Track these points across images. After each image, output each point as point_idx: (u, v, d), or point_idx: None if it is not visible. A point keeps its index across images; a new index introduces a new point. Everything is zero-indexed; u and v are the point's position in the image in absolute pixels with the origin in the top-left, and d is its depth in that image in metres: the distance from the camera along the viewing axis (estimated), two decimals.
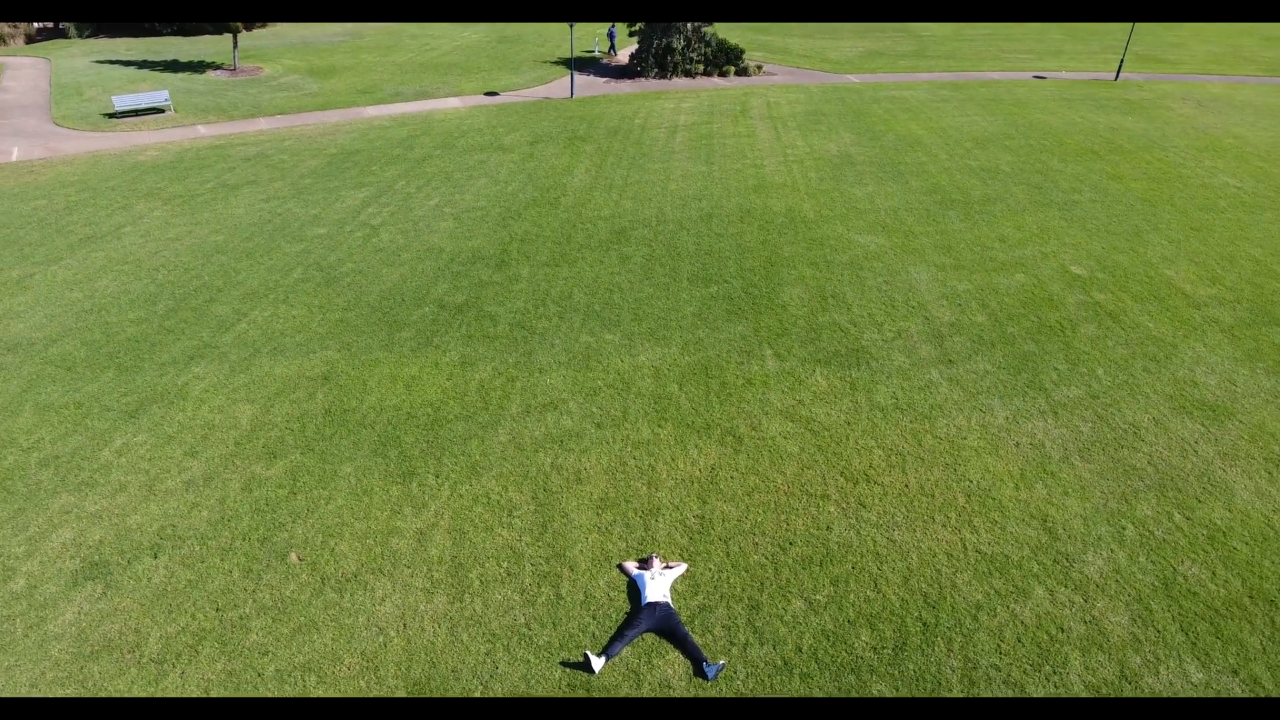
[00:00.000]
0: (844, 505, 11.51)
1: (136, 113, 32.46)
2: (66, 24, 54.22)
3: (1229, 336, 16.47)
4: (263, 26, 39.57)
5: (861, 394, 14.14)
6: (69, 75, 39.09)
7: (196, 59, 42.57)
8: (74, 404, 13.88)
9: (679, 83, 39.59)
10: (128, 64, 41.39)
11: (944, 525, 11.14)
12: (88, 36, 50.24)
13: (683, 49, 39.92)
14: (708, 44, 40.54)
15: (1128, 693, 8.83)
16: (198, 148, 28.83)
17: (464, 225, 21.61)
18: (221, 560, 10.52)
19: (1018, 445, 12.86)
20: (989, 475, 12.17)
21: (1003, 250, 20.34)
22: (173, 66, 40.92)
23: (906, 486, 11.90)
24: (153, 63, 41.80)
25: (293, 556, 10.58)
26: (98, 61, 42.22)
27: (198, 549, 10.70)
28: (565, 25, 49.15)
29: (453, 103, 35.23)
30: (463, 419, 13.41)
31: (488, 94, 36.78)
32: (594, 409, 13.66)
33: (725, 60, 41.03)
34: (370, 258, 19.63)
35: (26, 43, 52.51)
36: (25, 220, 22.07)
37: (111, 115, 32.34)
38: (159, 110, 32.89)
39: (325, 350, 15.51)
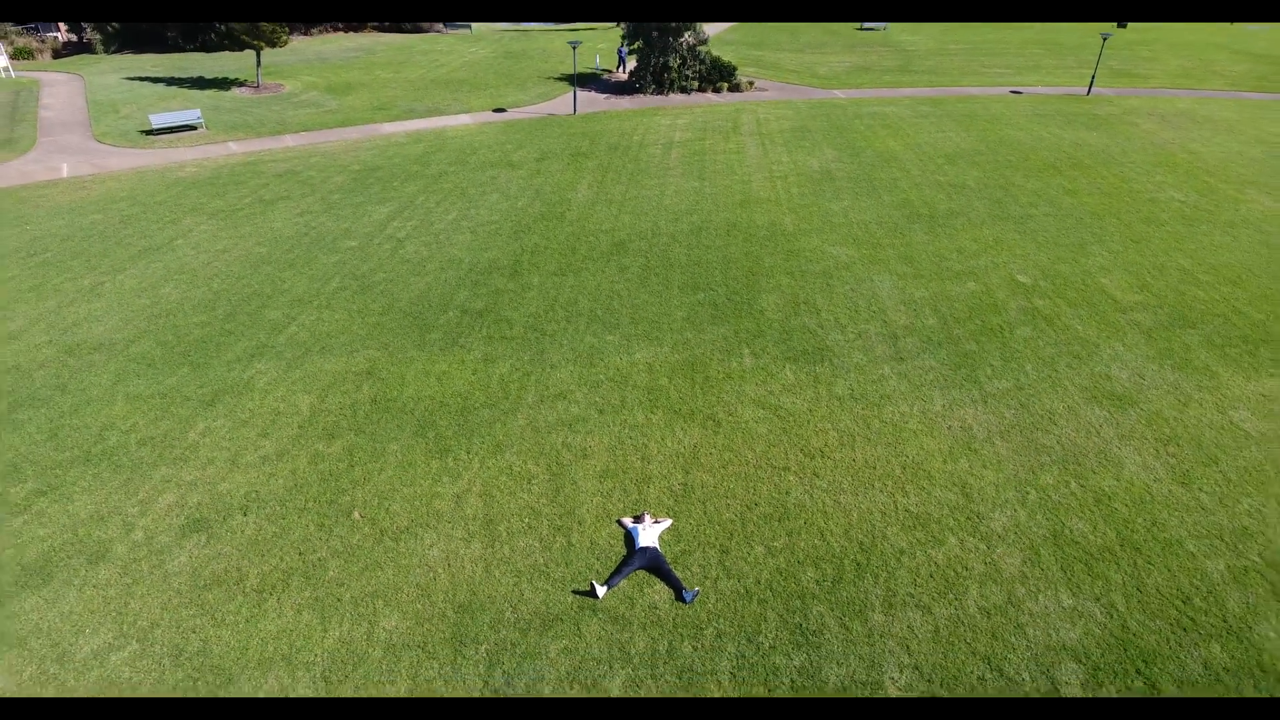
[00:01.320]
0: (801, 475, 14.10)
1: (172, 130, 35.04)
2: (92, 38, 56.92)
3: (1146, 337, 19.05)
4: (284, 45, 42.08)
5: (823, 386, 16.73)
6: (103, 92, 41.71)
7: (221, 75, 45.19)
8: (158, 394, 16.47)
9: (675, 99, 42.20)
10: (157, 81, 44.01)
11: (881, 491, 13.73)
12: (113, 52, 52.83)
13: (679, 67, 42.52)
14: (702, 62, 43.14)
15: (1011, 614, 11.41)
16: (232, 164, 31.44)
17: (480, 238, 24.21)
18: (299, 517, 13.11)
19: (950, 428, 15.45)
20: (923, 452, 14.75)
21: (959, 261, 22.93)
22: (199, 83, 43.54)
23: (854, 461, 14.49)
24: (180, 80, 44.44)
25: (355, 514, 13.17)
26: (128, 78, 44.83)
27: (278, 509, 13.29)
28: (568, 41, 51.99)
29: (464, 119, 37.82)
30: (487, 406, 15.99)
31: (496, 110, 39.38)
32: (597, 398, 16.24)
33: (719, 77, 43.63)
34: (399, 268, 22.23)
35: (53, 57, 55.15)
36: (87, 233, 24.68)
37: (148, 132, 34.93)
38: (192, 128, 35.48)
39: (366, 349, 18.10)
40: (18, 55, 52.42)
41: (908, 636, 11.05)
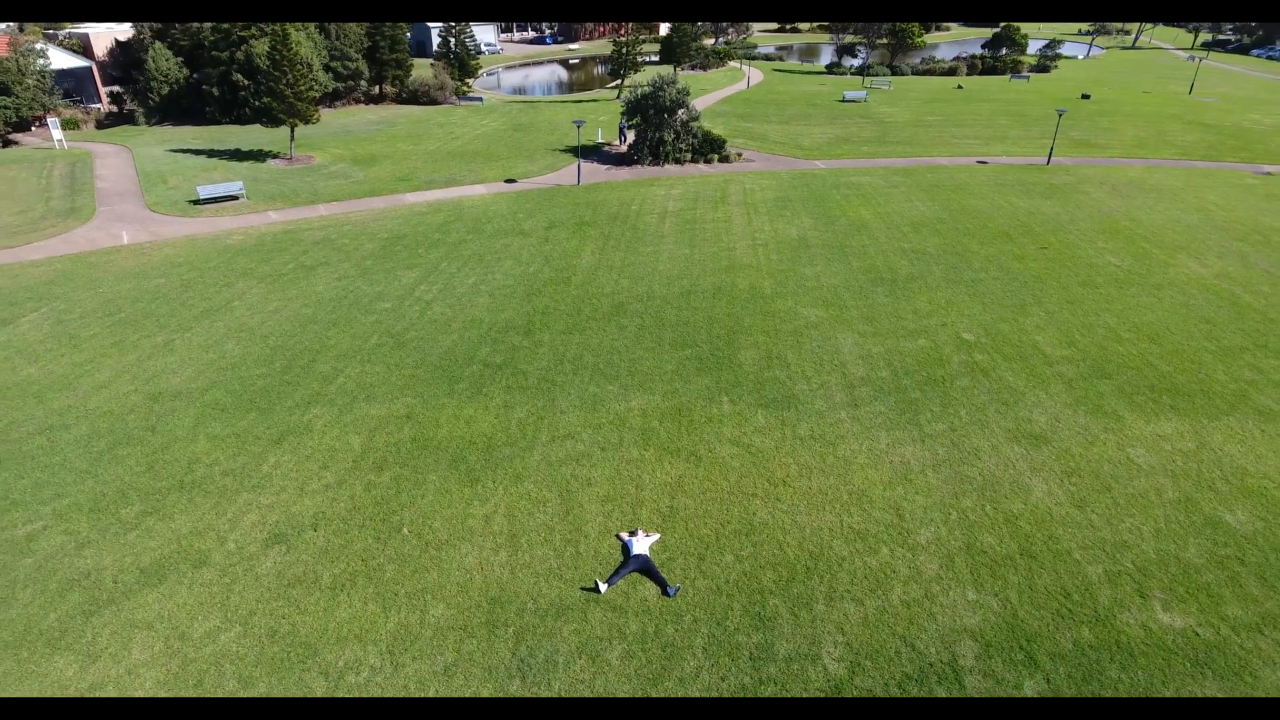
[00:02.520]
0: (766, 500, 17.27)
1: (217, 200, 38.95)
2: (133, 109, 61.55)
3: (1067, 387, 22.38)
4: (316, 121, 46.34)
5: (788, 428, 19.99)
6: (151, 164, 45.88)
7: (256, 148, 49.49)
8: (233, 434, 19.73)
9: (671, 169, 46.35)
10: (198, 153, 48.28)
11: (830, 512, 16.89)
12: (155, 124, 57.38)
13: (673, 140, 46.78)
14: (694, 136, 47.43)
15: (926, 605, 14.46)
16: (273, 232, 35.21)
17: (497, 300, 27.74)
18: (359, 532, 16.25)
19: (891, 462, 18.66)
20: (867, 481, 17.94)
21: (913, 320, 26.39)
22: (237, 155, 47.79)
23: (810, 489, 17.67)
24: (219, 152, 48.72)
25: (404, 530, 16.31)
26: (172, 150, 49.13)
27: (341, 526, 16.44)
28: (573, 115, 56.13)
29: (478, 189, 41.82)
30: (508, 445, 19.23)
31: (508, 181, 43.44)
32: (599, 438, 19.49)
33: (710, 149, 47.89)
34: (428, 327, 25.68)
35: (97, 128, 59.67)
36: (153, 295, 28.22)
37: (196, 202, 38.84)
38: (235, 197, 39.40)
39: (405, 397, 21.41)
40: (65, 125, 56.92)
41: (843, 621, 14.11)
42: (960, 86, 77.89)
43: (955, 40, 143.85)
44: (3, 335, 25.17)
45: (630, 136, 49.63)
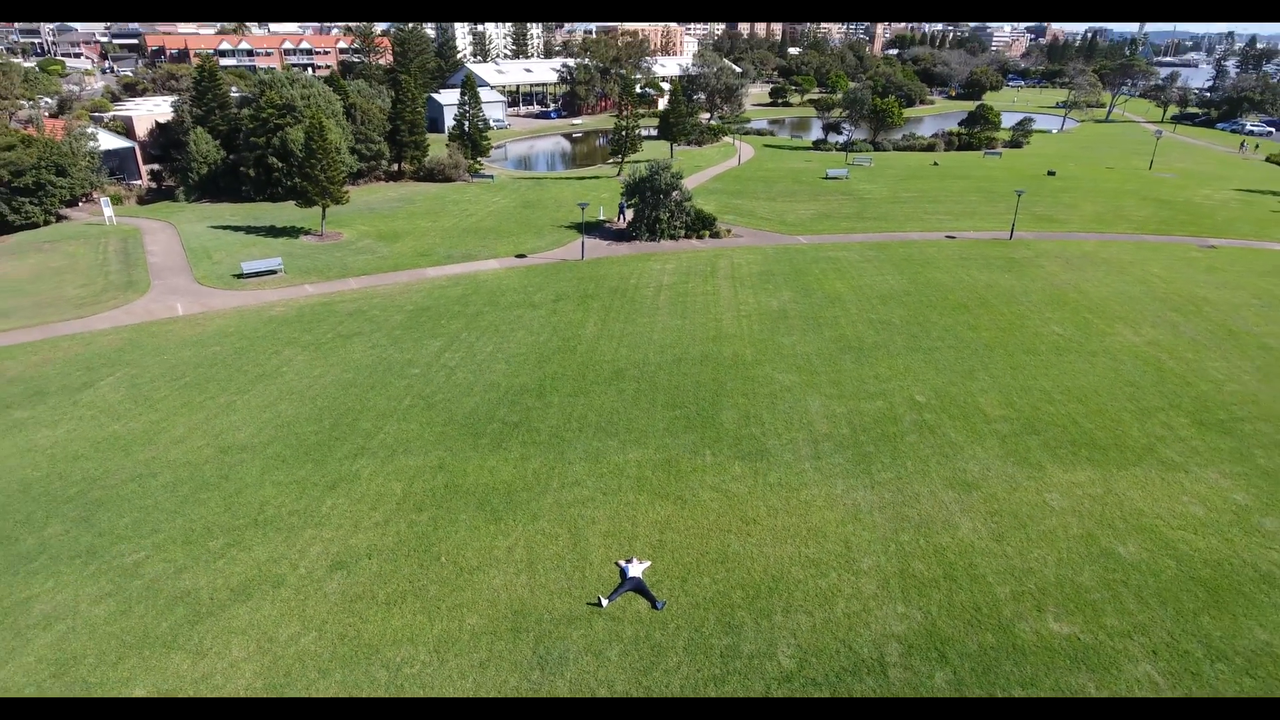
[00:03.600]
0: (739, 535, 20.97)
1: (258, 274, 43.40)
2: (171, 184, 66.85)
3: (1001, 442, 26.23)
4: (346, 202, 51.23)
5: (760, 477, 23.78)
6: (195, 240, 50.62)
7: (289, 224, 54.33)
8: (294, 481, 23.52)
9: (666, 245, 51.03)
10: (236, 229, 53.12)
11: (791, 544, 20.58)
12: (194, 201, 62.53)
13: (668, 218, 51.60)
14: (687, 214, 52.28)
15: (864, 616, 18.04)
16: (311, 304, 39.53)
17: (512, 366, 31.80)
18: (405, 560, 19.92)
19: (844, 505, 22.41)
20: (823, 520, 21.66)
21: (874, 384, 30.40)
22: (272, 231, 52.60)
23: (775, 526, 21.39)
24: (256, 228, 53.56)
25: (442, 558, 19.98)
26: (213, 227, 53.98)
27: (391, 555, 20.11)
28: (577, 194, 61.24)
29: (492, 264, 46.37)
30: (524, 490, 23.01)
31: (518, 256, 48.04)
32: (601, 485, 23.27)
33: (702, 226, 52.69)
34: (453, 390, 29.67)
35: (139, 203, 64.81)
36: (212, 362, 32.30)
37: (239, 276, 43.30)
38: (274, 272, 43.87)
39: (436, 451, 25.25)
40: (112, 201, 61.93)
41: (795, 629, 17.70)
42: (936, 163, 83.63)
43: (939, 113, 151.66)
44: (87, 396, 29.16)
45: (629, 214, 54.44)
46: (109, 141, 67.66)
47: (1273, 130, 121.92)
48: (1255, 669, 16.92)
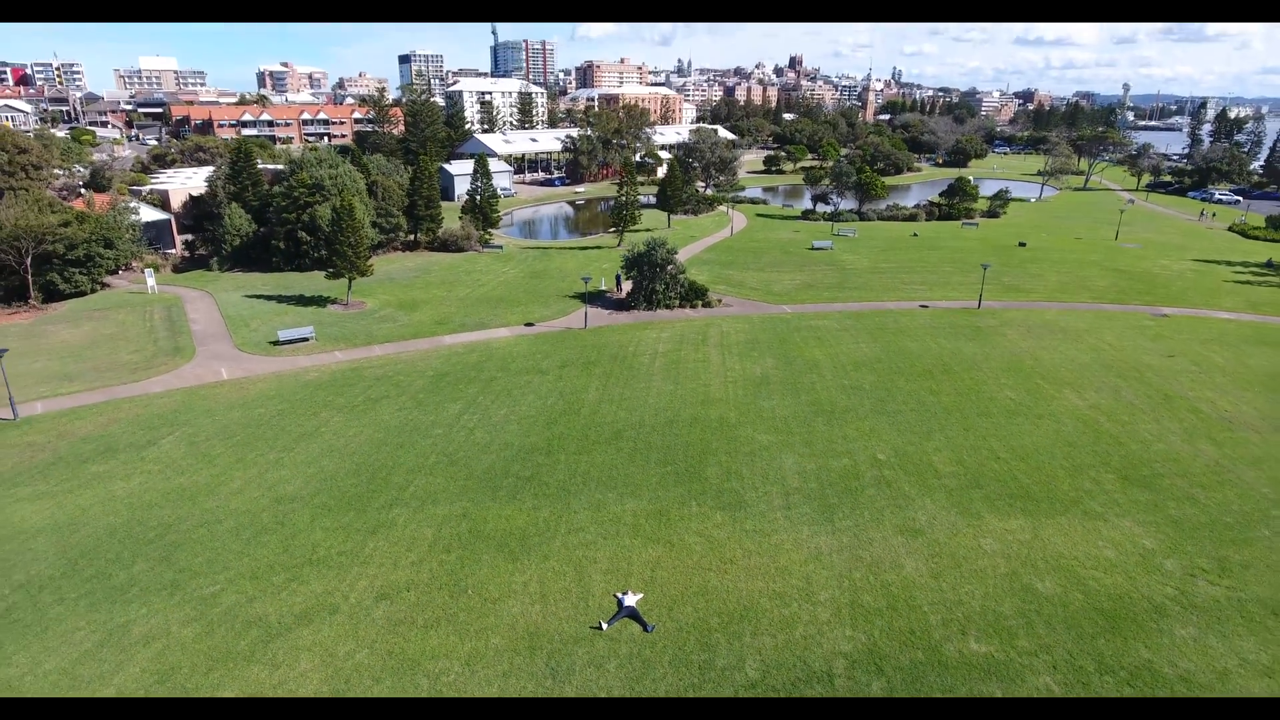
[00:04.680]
0: (718, 573, 24.95)
1: (292, 342, 47.99)
2: (203, 253, 72.05)
3: (948, 495, 30.32)
4: (370, 274, 56.24)
5: (738, 524, 27.83)
6: (233, 309, 55.43)
7: (317, 294, 59.25)
8: (340, 527, 27.58)
9: (662, 314, 55.79)
10: (269, 298, 58.00)
11: (761, 580, 24.55)
12: (226, 270, 67.65)
13: (663, 290, 56.49)
14: (681, 285, 57.19)
15: (817, 639, 21.93)
16: (342, 370, 44.01)
17: (524, 427, 36.07)
18: (438, 593, 23.87)
19: (808, 548, 26.42)
20: (790, 560, 25.66)
21: (842, 444, 34.61)
22: (302, 300, 57.47)
23: (749, 565, 25.37)
24: (286, 297, 58.45)
25: (469, 591, 23.93)
26: (247, 296, 58.89)
27: (426, 588, 24.08)
28: (580, 264, 66.29)
29: (503, 332, 51.02)
30: (536, 535, 27.05)
31: (527, 324, 52.73)
32: (602, 530, 27.32)
33: (694, 296, 57.55)
34: (472, 449, 33.88)
35: (174, 271, 69.90)
36: (258, 422, 36.59)
37: (275, 343, 47.88)
38: (306, 340, 48.47)
39: (460, 501, 29.36)
40: (147, 269, 67.01)
41: (761, 647, 21.59)
42: (915, 234, 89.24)
43: (925, 180, 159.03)
44: (152, 453, 33.38)
45: (628, 285, 59.34)
46: (147, 214, 73.23)
47: (1239, 199, 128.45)
48: (1135, 680, 20.78)
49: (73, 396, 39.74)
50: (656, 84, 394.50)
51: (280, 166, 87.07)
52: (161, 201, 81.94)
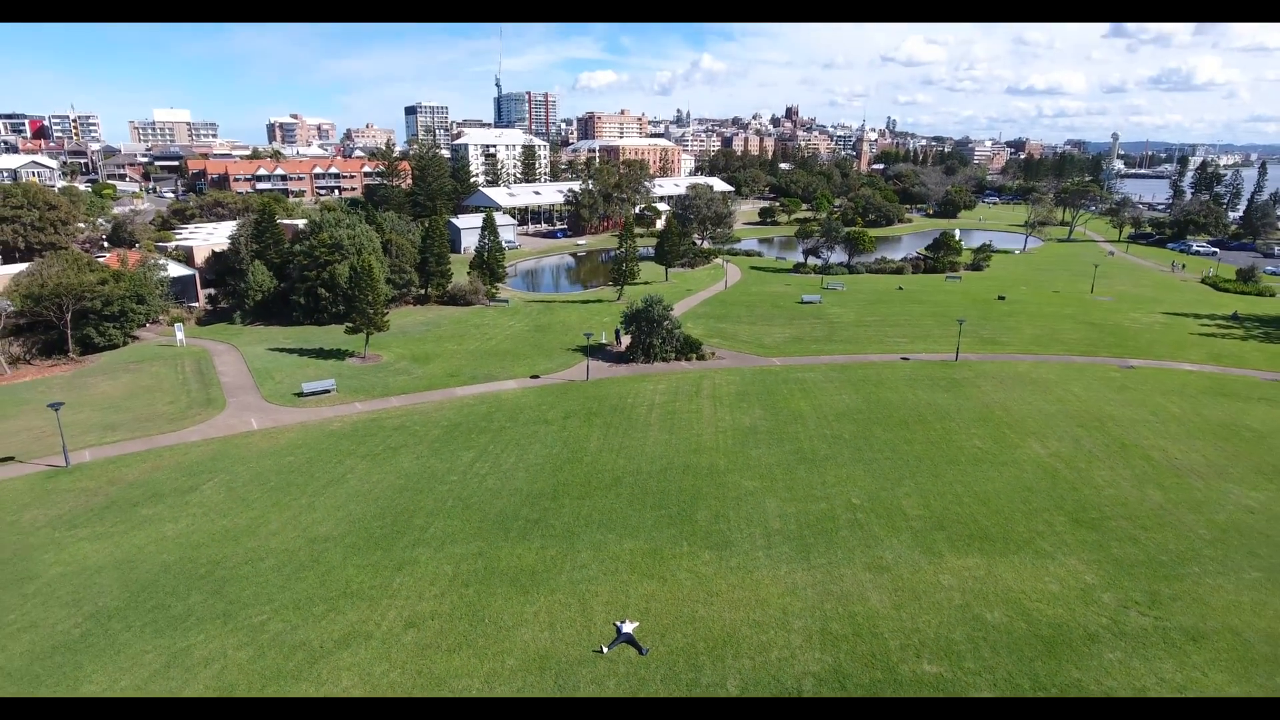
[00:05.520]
0: (705, 605, 28.30)
1: (315, 394, 51.73)
2: (225, 306, 76.16)
3: (914, 536, 33.74)
4: (387, 329, 60.29)
5: (723, 561, 31.23)
6: (258, 361, 59.34)
7: (335, 347, 63.22)
8: (369, 564, 30.98)
9: (658, 366, 59.65)
10: (291, 351, 61.95)
11: (744, 610, 27.90)
12: (249, 324, 71.76)
13: (660, 344, 60.46)
14: (676, 339, 61.16)
15: (790, 661, 25.22)
16: (363, 420, 47.69)
17: (531, 474, 39.61)
18: (459, 621, 27.21)
19: (785, 583, 29.79)
20: (769, 593, 29.02)
21: (820, 489, 38.11)
22: (321, 353, 61.41)
23: (733, 598, 28.73)
24: (307, 351, 62.42)
25: (486, 620, 27.26)
26: (271, 349, 62.86)
27: (449, 617, 27.41)
28: (582, 318, 70.43)
29: (510, 385, 54.81)
30: (544, 572, 30.43)
31: (533, 377, 56.55)
32: (603, 568, 30.71)
33: (689, 350, 61.49)
34: (485, 494, 37.38)
35: (198, 323, 73.97)
36: (289, 469, 40.14)
37: (300, 395, 51.62)
38: (328, 391, 52.22)
39: (475, 542, 32.79)
40: (172, 321, 71.08)
41: (741, 668, 24.89)
42: (900, 288, 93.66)
43: (916, 232, 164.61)
44: (195, 497, 36.89)
45: (627, 339, 63.33)
46: (173, 269, 77.67)
47: (1216, 251, 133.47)
48: (1065, 695, 24.04)
49: (117, 445, 43.35)
50: (656, 134, 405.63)
51: (296, 222, 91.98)
52: (186, 257, 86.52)
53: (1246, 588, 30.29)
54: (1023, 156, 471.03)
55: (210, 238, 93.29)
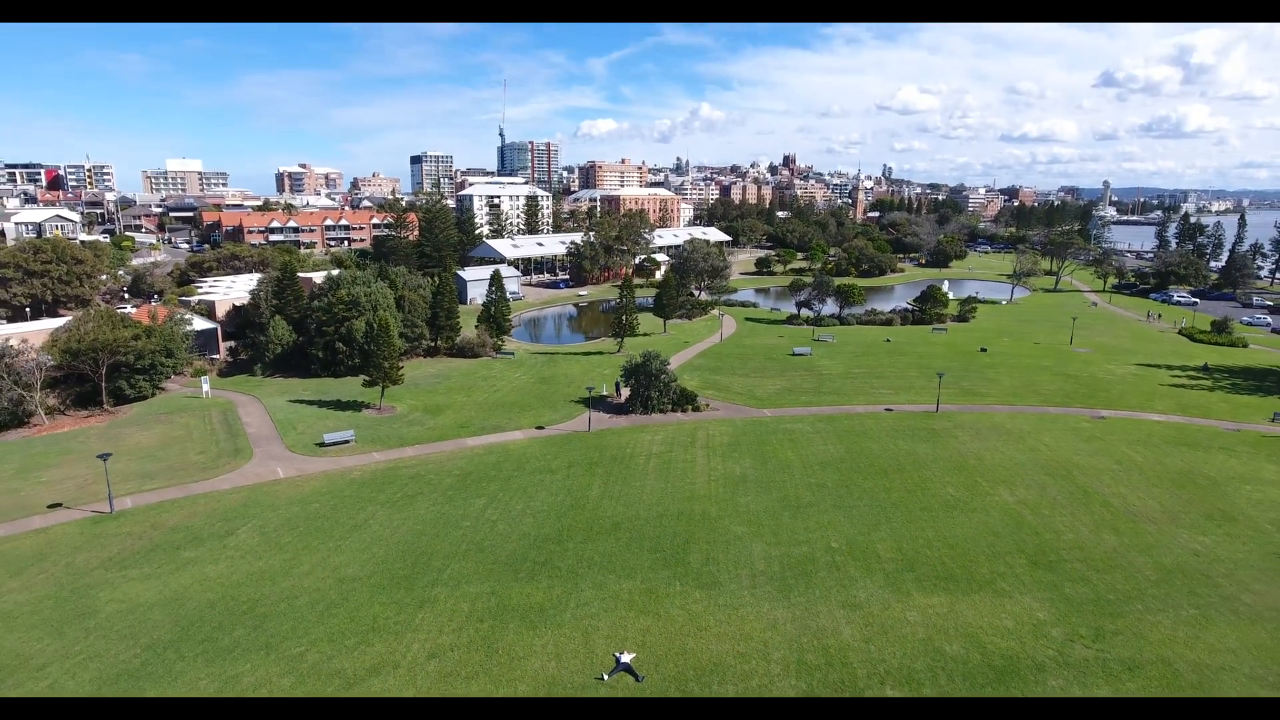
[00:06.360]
0: (695, 638, 31.72)
1: (336, 444, 55.48)
2: (244, 358, 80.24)
3: (886, 576, 37.21)
4: (401, 382, 64.31)
5: (712, 600, 34.70)
6: (280, 413, 63.22)
7: (352, 399, 67.16)
8: (394, 602, 34.44)
9: (656, 417, 63.48)
10: (310, 403, 65.88)
11: (729, 642, 31.31)
12: (268, 376, 75.83)
13: (658, 396, 64.39)
14: (673, 392, 65.11)
15: (769, 686, 28.58)
16: (381, 469, 51.38)
17: (538, 520, 43.19)
18: (476, 653, 30.63)
19: (767, 619, 33.23)
20: (752, 628, 32.44)
21: (803, 534, 41.65)
22: (339, 405, 65.33)
23: (720, 632, 32.16)
24: (326, 402, 66.36)
25: (500, 652, 30.69)
26: (291, 401, 66.80)
27: (468, 649, 30.83)
28: (584, 370, 74.35)
29: (517, 435, 58.58)
30: (551, 609, 33.89)
31: (538, 428, 60.35)
32: (603, 605, 34.16)
33: (685, 401, 65.38)
34: (496, 538, 40.93)
35: (220, 375, 78.00)
36: (316, 516, 43.73)
37: (321, 445, 55.37)
38: (348, 442, 55.98)
39: (488, 582, 36.27)
40: (195, 373, 75.12)
41: (724, 694, 28.25)
42: (889, 340, 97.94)
43: (908, 282, 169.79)
44: (232, 541, 40.44)
45: (626, 391, 67.30)
46: (197, 323, 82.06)
47: (1196, 301, 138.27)
48: None
49: (155, 492, 47.01)
50: (655, 183, 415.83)
51: (312, 275, 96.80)
52: (208, 311, 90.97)
53: (1182, 623, 33.69)
54: (1016, 204, 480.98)
55: (230, 291, 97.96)
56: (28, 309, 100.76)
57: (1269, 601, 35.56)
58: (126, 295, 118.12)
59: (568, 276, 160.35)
